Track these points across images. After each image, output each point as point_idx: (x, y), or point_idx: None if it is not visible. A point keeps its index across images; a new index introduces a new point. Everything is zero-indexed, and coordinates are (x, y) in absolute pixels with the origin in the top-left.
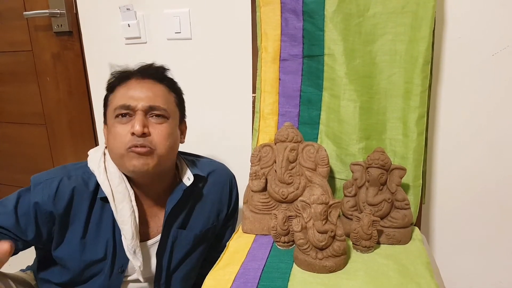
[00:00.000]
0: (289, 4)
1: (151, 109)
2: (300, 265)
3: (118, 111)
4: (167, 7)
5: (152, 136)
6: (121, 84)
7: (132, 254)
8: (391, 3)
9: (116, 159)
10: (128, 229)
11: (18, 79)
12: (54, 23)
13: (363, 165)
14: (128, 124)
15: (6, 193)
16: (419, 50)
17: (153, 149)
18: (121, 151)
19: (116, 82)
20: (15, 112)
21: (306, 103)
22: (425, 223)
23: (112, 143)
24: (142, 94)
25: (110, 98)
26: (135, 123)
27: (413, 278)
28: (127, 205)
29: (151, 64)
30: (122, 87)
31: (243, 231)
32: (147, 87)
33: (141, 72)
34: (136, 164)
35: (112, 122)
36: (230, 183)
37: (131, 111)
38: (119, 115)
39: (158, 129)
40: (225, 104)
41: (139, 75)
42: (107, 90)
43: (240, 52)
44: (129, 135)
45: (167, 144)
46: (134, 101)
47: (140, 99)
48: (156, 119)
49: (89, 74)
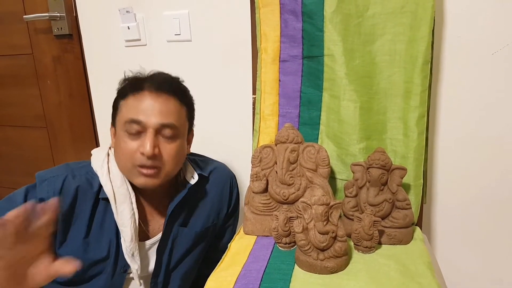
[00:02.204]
0: (289, 5)
1: (163, 127)
2: (301, 266)
3: (129, 126)
4: (167, 9)
5: (161, 155)
6: (133, 93)
7: (130, 257)
8: (390, 3)
9: (123, 171)
10: (128, 231)
11: (18, 82)
12: (54, 26)
13: (363, 166)
14: (138, 140)
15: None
16: (418, 50)
17: (161, 168)
18: (129, 166)
19: (128, 90)
20: (16, 115)
21: (306, 103)
22: (426, 222)
23: (120, 156)
24: (154, 110)
25: (121, 104)
26: (145, 143)
27: (415, 278)
28: (127, 207)
29: (165, 75)
30: (134, 97)
31: (245, 232)
32: (160, 102)
33: (155, 84)
34: (142, 183)
35: (122, 133)
36: (230, 182)
37: (142, 128)
38: (130, 130)
39: (167, 149)
40: (225, 105)
41: (152, 88)
42: (117, 95)
43: (240, 54)
44: (138, 153)
45: (174, 162)
46: (146, 116)
47: (153, 115)
48: (167, 139)
49: (90, 76)
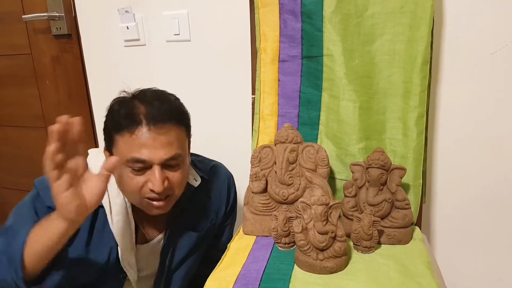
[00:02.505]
0: (288, 5)
1: (167, 161)
2: (301, 266)
3: (132, 165)
4: (166, 9)
5: (169, 185)
6: (130, 129)
7: (127, 266)
8: (389, 3)
9: (131, 200)
10: (123, 240)
11: (17, 82)
12: (53, 26)
13: (363, 166)
14: (143, 176)
15: (6, 196)
16: (418, 50)
17: (171, 196)
18: (137, 199)
19: (123, 124)
20: (15, 115)
21: (305, 103)
22: (426, 222)
23: (126, 189)
24: (157, 145)
25: (116, 138)
26: (154, 180)
27: (414, 278)
28: (122, 218)
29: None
30: (131, 135)
31: (244, 232)
32: (160, 137)
33: (153, 118)
34: (154, 213)
35: (124, 169)
36: (228, 181)
37: (146, 165)
38: (133, 167)
39: (175, 177)
40: (224, 105)
41: (151, 122)
42: (111, 126)
43: (239, 54)
44: (147, 188)
45: (183, 186)
46: (149, 153)
47: (156, 153)
48: (173, 168)
49: (89, 76)
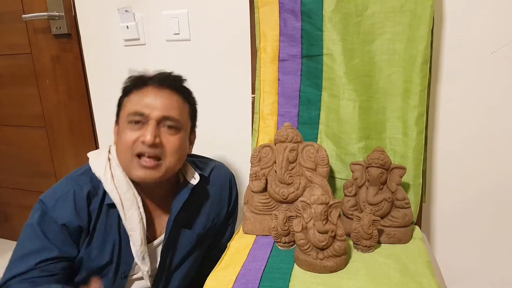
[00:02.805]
0: (288, 5)
1: (165, 119)
2: (301, 265)
3: (131, 118)
4: (166, 8)
5: (163, 147)
6: (137, 89)
7: (140, 260)
8: (389, 2)
9: (123, 163)
10: (137, 235)
11: (17, 82)
12: (53, 26)
13: (363, 165)
14: (139, 131)
15: (7, 196)
16: (417, 49)
17: (161, 161)
18: (129, 156)
19: (132, 86)
20: (15, 115)
21: (305, 103)
22: (426, 221)
23: (121, 148)
24: (157, 103)
25: (124, 101)
26: (146, 132)
27: (414, 277)
28: (135, 212)
29: (170, 73)
30: (137, 93)
31: (244, 232)
32: (163, 96)
33: (159, 80)
34: (141, 176)
35: (124, 126)
36: (229, 181)
37: (144, 120)
38: (132, 121)
39: (169, 140)
40: (224, 105)
41: (156, 83)
42: (122, 93)
43: (239, 53)
44: (139, 142)
45: (176, 157)
46: (148, 109)
47: (155, 108)
48: (169, 130)
49: (89, 76)
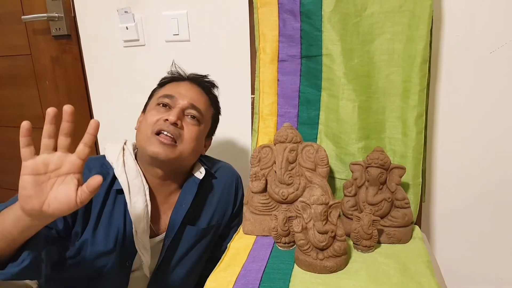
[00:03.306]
0: (287, 5)
1: (191, 107)
2: (301, 266)
3: (161, 100)
4: (165, 9)
5: (182, 130)
6: (172, 81)
7: (142, 249)
8: (388, 2)
9: (141, 141)
10: (140, 222)
11: (17, 83)
12: (52, 27)
13: (362, 165)
14: (165, 113)
15: (7, 197)
16: (417, 49)
17: (177, 143)
18: (149, 133)
19: (169, 80)
20: (15, 116)
21: (305, 103)
22: (426, 221)
23: (143, 126)
24: (187, 93)
25: (158, 90)
26: (171, 113)
27: (414, 277)
28: (141, 199)
29: (205, 76)
30: (172, 83)
31: (244, 232)
32: (194, 90)
33: (194, 79)
34: (156, 150)
35: (152, 108)
36: (236, 182)
37: (172, 104)
38: (161, 103)
39: (189, 128)
40: (224, 105)
41: (192, 80)
42: (158, 85)
43: (238, 53)
44: (162, 120)
45: (192, 145)
46: (179, 94)
47: (185, 96)
48: (191, 120)
49: (88, 77)
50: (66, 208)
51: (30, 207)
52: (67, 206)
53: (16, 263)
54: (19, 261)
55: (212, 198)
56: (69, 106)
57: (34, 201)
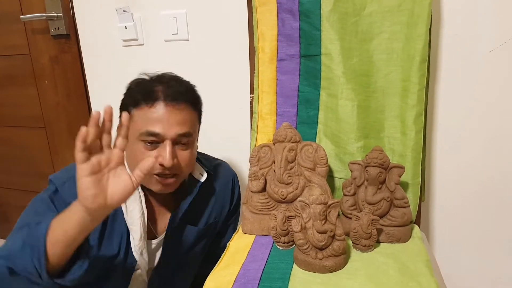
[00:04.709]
0: (285, 4)
1: (179, 136)
2: (300, 265)
3: (145, 138)
4: (164, 8)
5: (178, 163)
6: (148, 103)
7: (139, 255)
8: (387, 1)
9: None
10: (137, 230)
11: (16, 83)
12: (51, 26)
13: (361, 164)
14: (154, 151)
15: (6, 196)
16: (415, 48)
17: (177, 175)
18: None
19: (141, 99)
20: (14, 116)
21: (304, 102)
22: (425, 220)
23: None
24: (171, 121)
25: (133, 112)
26: (165, 155)
27: (413, 276)
28: (137, 207)
29: (179, 82)
30: (148, 108)
31: (243, 231)
32: (176, 113)
33: (171, 94)
34: (159, 189)
35: (136, 141)
36: (233, 180)
37: (158, 139)
38: (146, 141)
39: (184, 156)
40: (223, 104)
41: (168, 98)
42: (129, 101)
43: (237, 53)
44: (157, 163)
45: (190, 168)
46: (163, 128)
47: (170, 127)
48: (183, 146)
49: (87, 76)
50: (127, 194)
51: (96, 204)
52: (128, 192)
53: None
54: (79, 264)
55: (210, 198)
56: (109, 107)
57: (99, 198)
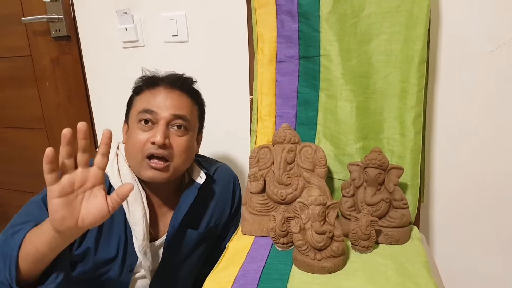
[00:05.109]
0: (285, 6)
1: (175, 117)
2: (299, 266)
3: (142, 116)
4: (164, 10)
5: (171, 148)
6: (148, 88)
7: (142, 255)
8: (386, 2)
9: (132, 164)
10: (140, 230)
11: (17, 84)
12: (52, 28)
13: (360, 165)
14: (150, 132)
15: (7, 197)
16: (414, 50)
17: (169, 163)
18: (139, 158)
19: (143, 86)
20: (15, 117)
21: (303, 104)
22: (425, 222)
23: (131, 148)
24: (167, 102)
25: (135, 99)
26: (157, 133)
27: (412, 277)
28: (139, 207)
29: (181, 75)
30: (149, 92)
31: (243, 232)
32: (173, 97)
33: (170, 81)
34: (150, 176)
35: (134, 126)
36: (234, 182)
37: (154, 119)
38: (142, 120)
39: (178, 142)
40: (223, 106)
41: (167, 84)
42: (133, 92)
43: (237, 54)
44: (149, 143)
45: (184, 157)
46: (159, 108)
47: (165, 108)
48: (177, 131)
49: (88, 78)
50: (100, 218)
51: (65, 227)
52: (101, 216)
53: (51, 279)
54: (53, 277)
55: (210, 200)
56: (83, 124)
57: (69, 221)
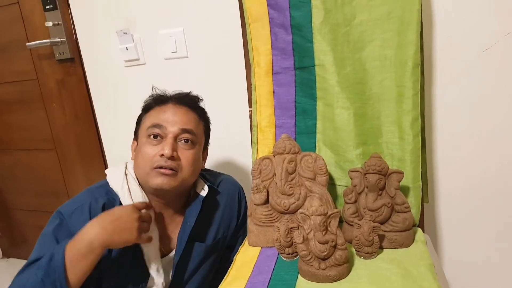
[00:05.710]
0: (277, 19)
1: (182, 132)
2: (304, 276)
3: (151, 130)
4: (162, 28)
5: (179, 160)
6: (158, 105)
7: (155, 272)
8: (376, 10)
9: (141, 176)
10: (151, 249)
11: (25, 107)
12: (56, 51)
13: (361, 172)
14: (158, 146)
15: (23, 218)
16: (408, 54)
17: (178, 172)
18: (148, 169)
19: (153, 103)
20: (25, 139)
21: (301, 113)
22: (431, 223)
23: (140, 161)
24: (176, 118)
25: (145, 117)
26: (165, 146)
27: (416, 281)
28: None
29: (188, 93)
30: (158, 108)
31: (249, 244)
32: (181, 112)
33: (178, 98)
34: (159, 183)
35: (143, 141)
36: (239, 193)
37: (163, 133)
38: (151, 134)
39: (185, 155)
40: (223, 119)
41: (176, 101)
42: (142, 110)
43: (235, 68)
44: (158, 156)
45: (191, 169)
46: (167, 123)
47: (174, 122)
48: (185, 145)
49: (93, 97)
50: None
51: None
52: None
53: None
54: None
55: (216, 212)
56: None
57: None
